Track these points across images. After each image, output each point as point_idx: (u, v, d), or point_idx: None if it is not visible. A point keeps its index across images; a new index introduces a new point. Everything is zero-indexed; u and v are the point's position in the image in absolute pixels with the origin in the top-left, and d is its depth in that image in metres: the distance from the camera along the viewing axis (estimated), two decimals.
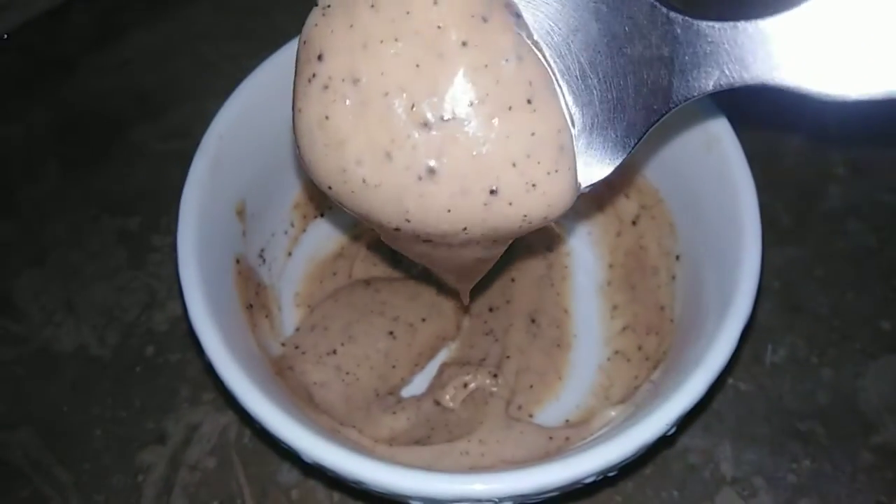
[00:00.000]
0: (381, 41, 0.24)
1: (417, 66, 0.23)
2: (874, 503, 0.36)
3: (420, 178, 0.24)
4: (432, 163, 0.24)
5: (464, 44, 0.23)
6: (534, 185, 0.25)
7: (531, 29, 0.25)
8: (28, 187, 0.46)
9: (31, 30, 0.53)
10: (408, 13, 0.24)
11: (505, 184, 0.24)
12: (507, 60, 0.24)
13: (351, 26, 0.24)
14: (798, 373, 0.39)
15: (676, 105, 0.25)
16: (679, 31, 0.24)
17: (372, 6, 0.24)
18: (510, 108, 0.24)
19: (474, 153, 0.24)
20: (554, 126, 0.24)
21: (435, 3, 0.23)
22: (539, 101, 0.24)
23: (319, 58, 0.24)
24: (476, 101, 0.24)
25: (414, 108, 0.24)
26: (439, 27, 0.23)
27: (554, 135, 0.24)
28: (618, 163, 0.26)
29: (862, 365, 0.39)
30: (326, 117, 0.24)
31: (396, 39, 0.24)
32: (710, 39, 0.24)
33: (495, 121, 0.24)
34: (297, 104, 0.25)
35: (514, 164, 0.24)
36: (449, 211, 0.25)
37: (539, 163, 0.24)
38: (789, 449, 0.37)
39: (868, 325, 0.40)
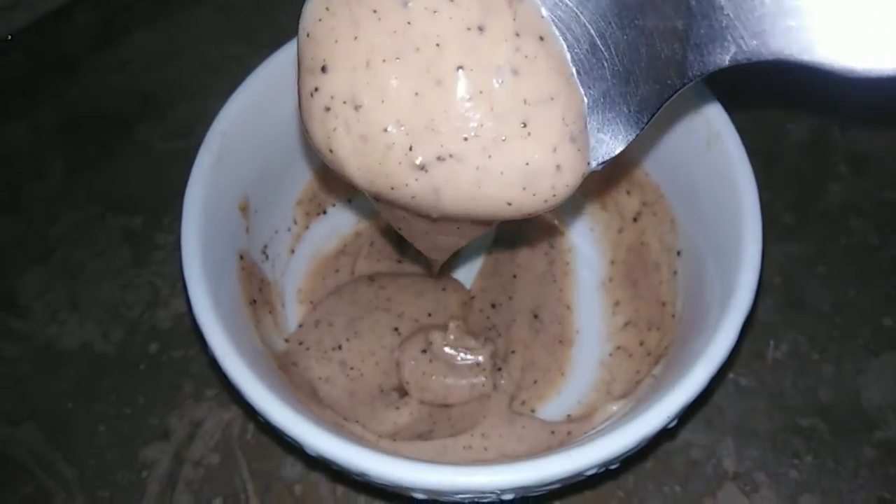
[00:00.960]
0: (384, 59, 0.24)
1: (416, 94, 0.24)
2: (877, 499, 0.36)
3: (425, 230, 0.26)
4: (431, 213, 0.25)
5: (459, 68, 0.23)
6: (529, 215, 0.25)
7: (538, 3, 0.24)
8: (33, 186, 0.47)
9: (36, 31, 0.53)
10: (409, 23, 0.23)
11: (501, 219, 0.25)
12: (501, 82, 0.24)
13: (355, 38, 0.24)
14: (799, 369, 0.39)
15: (691, 80, 0.24)
16: (693, 2, 0.23)
17: (375, 12, 0.24)
18: (504, 139, 0.24)
19: (469, 196, 0.24)
20: (550, 145, 0.24)
21: (434, 12, 0.23)
22: (535, 121, 0.24)
23: (323, 69, 0.24)
24: (471, 135, 0.24)
25: (412, 150, 0.24)
26: (438, 45, 0.23)
27: (549, 157, 0.24)
28: (631, 139, 0.25)
29: (864, 361, 0.39)
30: (331, 150, 0.25)
31: (398, 58, 0.24)
32: (725, 12, 0.23)
33: (489, 156, 0.24)
34: (303, 119, 0.26)
35: (509, 203, 0.25)
36: (457, 227, 0.28)
37: (535, 195, 0.24)
38: (791, 444, 0.37)
39: (870, 321, 0.40)
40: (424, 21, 0.23)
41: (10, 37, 0.53)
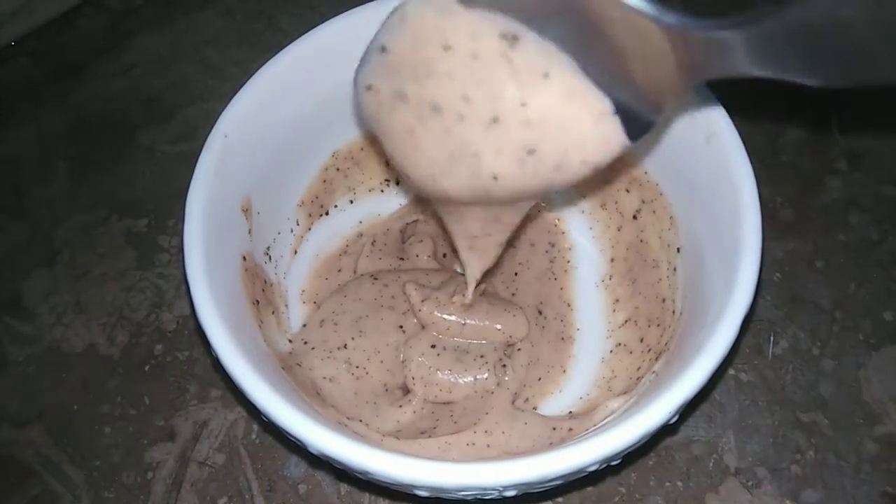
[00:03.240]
0: (443, 174, 0.28)
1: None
2: (880, 493, 0.36)
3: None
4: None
5: (494, 177, 0.27)
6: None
7: (535, 37, 0.25)
8: (38, 190, 0.47)
9: (40, 36, 0.53)
10: (447, 131, 0.27)
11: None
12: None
13: (417, 150, 0.28)
14: (800, 364, 0.39)
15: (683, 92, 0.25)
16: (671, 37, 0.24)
17: (421, 119, 0.27)
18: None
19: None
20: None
21: (462, 118, 0.26)
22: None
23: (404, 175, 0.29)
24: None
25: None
26: (475, 154, 0.27)
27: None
28: (667, 107, 0.26)
29: (864, 356, 0.39)
30: None
31: (447, 171, 0.28)
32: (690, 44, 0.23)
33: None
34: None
35: None
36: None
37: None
38: (793, 440, 0.37)
39: (870, 316, 0.41)
40: (456, 126, 0.27)
41: (13, 42, 0.53)
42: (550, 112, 0.26)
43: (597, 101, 0.26)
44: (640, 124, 0.26)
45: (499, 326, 0.36)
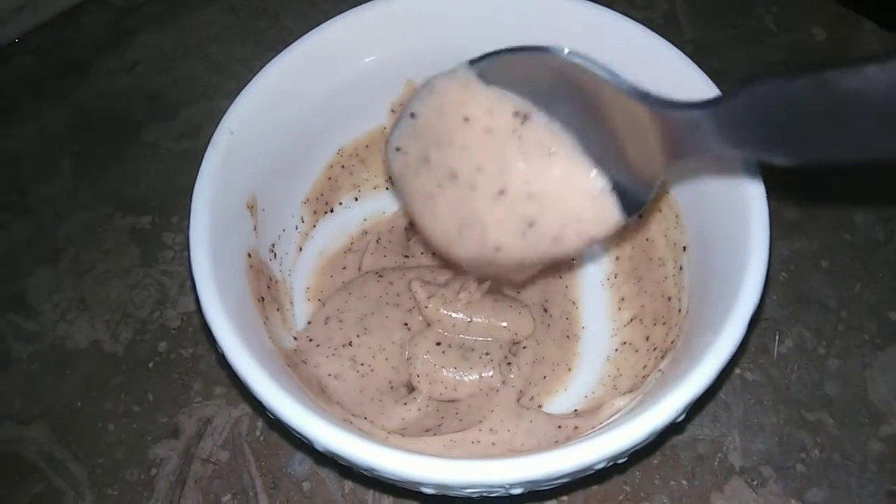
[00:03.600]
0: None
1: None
2: (885, 493, 0.36)
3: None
4: None
5: (497, 248, 0.30)
6: None
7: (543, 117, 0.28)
8: (42, 187, 0.47)
9: (43, 33, 0.53)
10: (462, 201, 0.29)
11: None
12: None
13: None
14: (805, 363, 0.39)
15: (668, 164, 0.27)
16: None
17: (426, 161, 0.30)
18: None
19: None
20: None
21: (473, 187, 0.29)
22: None
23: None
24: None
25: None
26: (483, 226, 0.29)
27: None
28: (651, 195, 0.28)
29: (870, 355, 0.39)
30: None
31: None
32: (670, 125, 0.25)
33: None
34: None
35: None
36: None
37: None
38: (798, 439, 0.37)
39: (875, 316, 0.40)
40: (469, 195, 0.29)
41: (17, 39, 0.53)
42: (552, 188, 0.28)
43: (595, 179, 0.27)
44: (633, 201, 0.28)
45: (504, 324, 0.36)
